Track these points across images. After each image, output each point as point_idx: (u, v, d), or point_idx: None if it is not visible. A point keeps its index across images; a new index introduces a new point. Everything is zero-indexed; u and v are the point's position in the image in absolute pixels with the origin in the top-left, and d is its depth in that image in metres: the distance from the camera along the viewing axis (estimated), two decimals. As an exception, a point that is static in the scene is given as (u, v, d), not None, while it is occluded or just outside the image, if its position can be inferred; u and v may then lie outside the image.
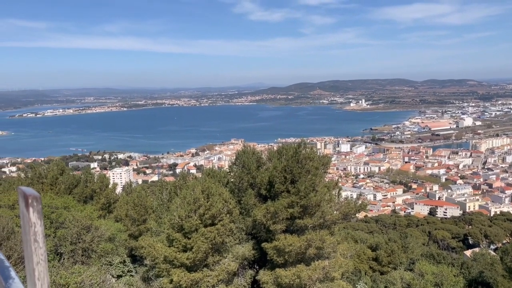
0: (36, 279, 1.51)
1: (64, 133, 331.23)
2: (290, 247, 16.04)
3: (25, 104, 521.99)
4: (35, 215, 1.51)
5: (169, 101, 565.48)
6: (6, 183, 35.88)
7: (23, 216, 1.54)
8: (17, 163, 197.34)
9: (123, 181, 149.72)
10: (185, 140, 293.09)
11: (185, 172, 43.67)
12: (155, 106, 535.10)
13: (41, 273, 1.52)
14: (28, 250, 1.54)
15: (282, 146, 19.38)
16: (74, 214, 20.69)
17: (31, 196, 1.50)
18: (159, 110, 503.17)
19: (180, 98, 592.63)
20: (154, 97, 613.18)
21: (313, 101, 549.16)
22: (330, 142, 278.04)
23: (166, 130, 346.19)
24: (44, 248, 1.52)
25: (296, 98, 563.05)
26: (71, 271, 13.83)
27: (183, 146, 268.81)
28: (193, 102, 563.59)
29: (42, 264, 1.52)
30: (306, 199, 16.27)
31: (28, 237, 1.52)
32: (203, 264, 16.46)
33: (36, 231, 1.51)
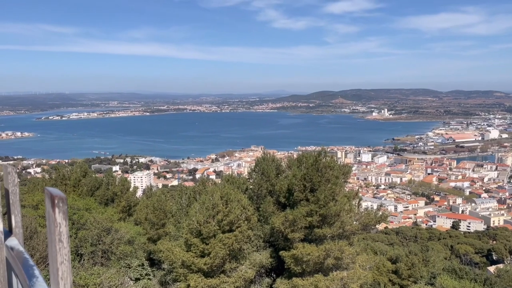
0: (60, 278, 1.54)
1: (88, 136, 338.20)
2: (308, 256, 15.89)
3: (51, 107, 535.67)
4: (60, 215, 1.54)
5: (190, 107, 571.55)
6: (31, 183, 36.77)
7: (49, 216, 1.58)
8: (42, 164, 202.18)
9: (144, 184, 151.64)
10: (205, 145, 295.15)
11: (204, 178, 43.89)
12: (177, 111, 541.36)
13: (64, 272, 1.55)
14: (52, 249, 1.57)
15: (302, 154, 19.30)
16: (95, 216, 21.03)
17: (58, 197, 1.54)
18: (180, 115, 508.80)
19: (201, 104, 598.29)
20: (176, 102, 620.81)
21: (335, 110, 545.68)
22: (351, 151, 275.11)
23: (187, 136, 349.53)
24: (68, 248, 1.55)
25: (317, 106, 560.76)
26: (90, 272, 14.05)
27: (203, 152, 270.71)
28: (214, 108, 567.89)
29: (65, 264, 1.55)
30: (325, 208, 16.12)
31: (53, 237, 1.55)
32: (220, 270, 16.46)
33: (61, 232, 1.54)
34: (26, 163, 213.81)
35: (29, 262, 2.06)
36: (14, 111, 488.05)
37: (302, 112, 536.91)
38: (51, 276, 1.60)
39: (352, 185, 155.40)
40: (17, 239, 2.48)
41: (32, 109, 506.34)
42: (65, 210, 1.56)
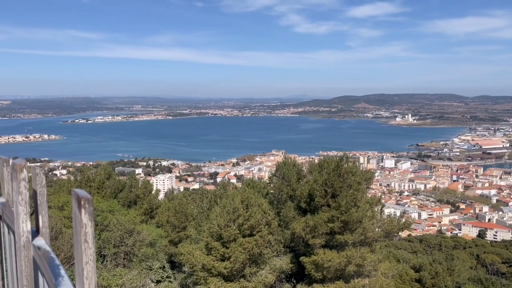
0: (85, 278, 1.57)
1: (112, 139, 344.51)
2: (329, 262, 15.72)
3: (77, 110, 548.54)
4: (86, 216, 1.57)
5: (212, 111, 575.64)
6: (57, 185, 37.67)
7: (75, 217, 1.61)
8: (67, 166, 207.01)
9: (166, 187, 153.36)
10: (226, 149, 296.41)
11: (225, 182, 44.10)
12: (199, 115, 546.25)
13: (89, 272, 1.58)
14: (78, 249, 1.61)
15: (324, 159, 19.15)
16: (118, 218, 21.37)
17: (84, 198, 1.57)
18: (202, 119, 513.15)
19: (223, 108, 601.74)
20: (198, 106, 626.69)
21: (357, 115, 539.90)
22: (374, 157, 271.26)
23: (208, 139, 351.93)
24: (93, 249, 1.58)
25: (339, 111, 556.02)
26: (113, 273, 14.26)
27: (224, 156, 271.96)
28: (236, 112, 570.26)
29: (90, 264, 1.58)
30: (347, 214, 15.94)
31: (79, 237, 1.58)
32: (240, 275, 16.45)
33: (86, 232, 1.57)
34: (52, 165, 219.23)
35: (55, 262, 2.10)
36: (42, 114, 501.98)
37: (323, 117, 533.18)
38: (76, 276, 1.63)
39: (375, 191, 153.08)
40: (44, 239, 2.53)
41: (59, 112, 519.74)
42: (91, 211, 1.59)
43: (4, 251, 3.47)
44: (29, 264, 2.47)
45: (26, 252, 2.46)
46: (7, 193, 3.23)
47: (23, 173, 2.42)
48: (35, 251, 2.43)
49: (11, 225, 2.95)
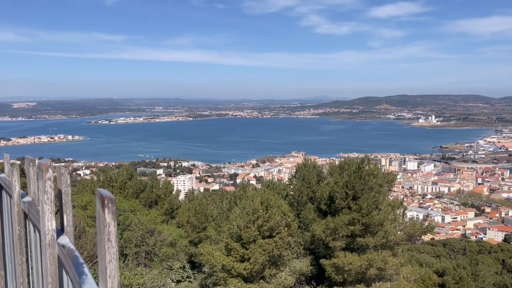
0: (108, 276, 1.58)
1: (134, 140, 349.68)
2: (350, 265, 15.55)
3: (100, 112, 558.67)
4: (109, 215, 1.59)
5: (232, 112, 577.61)
6: (80, 185, 38.43)
7: (99, 216, 1.63)
8: (91, 167, 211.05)
9: (186, 188, 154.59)
10: (246, 151, 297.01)
11: (245, 183, 44.18)
12: (219, 117, 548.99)
13: (112, 271, 1.59)
14: (101, 248, 1.62)
15: (344, 161, 18.98)
16: (140, 218, 21.65)
17: (107, 197, 1.58)
18: (222, 120, 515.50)
19: (243, 110, 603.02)
20: (218, 108, 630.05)
21: (379, 116, 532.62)
22: (396, 159, 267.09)
23: (228, 141, 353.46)
24: (116, 248, 1.59)
25: (360, 112, 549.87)
26: (134, 272, 14.45)
27: (244, 157, 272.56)
28: (256, 113, 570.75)
29: (113, 262, 1.59)
30: (368, 217, 15.74)
31: (102, 236, 1.60)
32: (259, 276, 16.44)
33: (110, 231, 1.59)
34: (76, 165, 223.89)
35: (79, 260, 2.14)
36: (67, 115, 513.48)
37: (344, 118, 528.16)
38: (100, 274, 1.65)
39: (397, 194, 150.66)
40: (68, 237, 2.58)
41: (82, 113, 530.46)
42: (114, 211, 1.61)
43: (30, 249, 3.55)
44: (54, 262, 2.51)
45: (51, 250, 2.51)
46: (33, 192, 3.31)
47: (49, 173, 2.47)
48: (59, 249, 2.48)
49: (36, 223, 3.02)
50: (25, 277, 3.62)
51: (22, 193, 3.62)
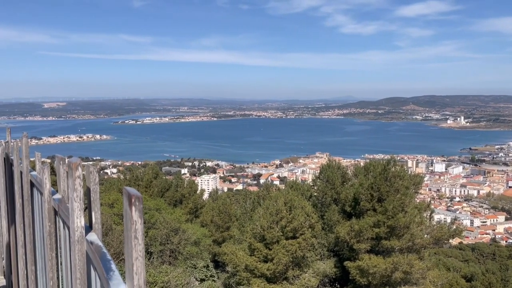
0: (134, 273, 1.61)
1: (160, 139, 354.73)
2: (375, 268, 15.32)
3: (127, 112, 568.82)
4: (136, 213, 1.61)
5: (256, 113, 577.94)
6: (108, 183, 39.26)
7: (126, 214, 1.66)
8: (117, 166, 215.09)
9: (210, 188, 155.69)
10: (269, 151, 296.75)
11: (268, 183, 44.12)
12: (243, 117, 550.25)
13: (138, 268, 1.62)
14: (128, 245, 1.65)
15: (370, 162, 18.72)
16: (165, 216, 21.94)
17: (134, 196, 1.61)
18: (246, 121, 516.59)
19: (267, 110, 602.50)
20: (242, 108, 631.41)
21: (405, 117, 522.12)
22: (423, 160, 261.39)
23: (252, 141, 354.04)
24: (142, 245, 1.61)
25: (386, 113, 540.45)
26: (159, 270, 14.64)
27: (267, 157, 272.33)
28: (280, 114, 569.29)
29: (140, 259, 1.61)
30: (394, 219, 15.47)
31: (129, 234, 1.62)
32: (283, 277, 16.40)
33: (136, 229, 1.61)
34: (103, 163, 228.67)
35: (106, 257, 2.18)
36: (95, 115, 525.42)
37: (370, 119, 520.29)
38: (127, 271, 1.68)
39: (424, 196, 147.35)
40: (96, 234, 2.64)
41: (110, 113, 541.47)
42: (141, 209, 1.63)
43: (59, 245, 3.66)
44: (83, 258, 2.58)
45: (80, 247, 2.57)
46: (63, 189, 3.40)
47: (78, 171, 2.53)
48: (88, 246, 2.53)
49: (66, 220, 3.10)
50: (54, 272, 3.73)
51: (53, 191, 3.72)
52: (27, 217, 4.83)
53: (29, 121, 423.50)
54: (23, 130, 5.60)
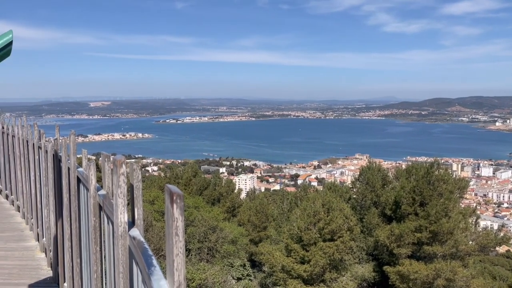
0: (175, 269, 1.63)
1: (199, 139, 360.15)
2: (416, 274, 14.85)
3: (168, 111, 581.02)
4: (177, 211, 1.64)
5: (294, 113, 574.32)
6: (149, 180, 40.32)
7: (168, 211, 1.69)
8: (158, 164, 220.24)
9: (247, 187, 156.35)
10: (307, 152, 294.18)
11: (306, 184, 43.77)
12: (281, 117, 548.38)
13: (179, 264, 1.64)
14: (169, 242, 1.68)
15: (412, 165, 18.16)
16: (203, 214, 22.26)
17: (176, 193, 1.63)
18: (284, 121, 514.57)
19: (305, 110, 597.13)
20: (280, 108, 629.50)
21: (450, 118, 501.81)
22: (469, 164, 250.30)
23: (290, 141, 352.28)
24: (183, 242, 1.64)
25: (430, 114, 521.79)
26: (197, 267, 14.87)
27: (305, 158, 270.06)
28: (318, 114, 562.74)
29: (180, 256, 1.64)
30: (436, 224, 14.93)
31: (171, 231, 1.65)
32: (320, 279, 16.23)
33: (177, 226, 1.63)
34: (145, 161, 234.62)
35: (148, 252, 2.24)
36: (137, 114, 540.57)
37: (413, 120, 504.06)
38: (167, 267, 1.71)
39: (469, 201, 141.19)
40: (138, 230, 2.71)
41: (152, 112, 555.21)
42: (182, 206, 1.66)
43: (103, 239, 3.79)
44: (125, 253, 2.65)
45: (123, 241, 2.65)
46: (108, 186, 3.52)
47: (123, 168, 2.61)
48: (130, 241, 2.61)
49: (110, 215, 3.20)
50: (98, 265, 3.86)
51: (98, 187, 3.86)
52: (74, 212, 5.04)
53: (76, 119, 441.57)
54: (70, 128, 5.85)
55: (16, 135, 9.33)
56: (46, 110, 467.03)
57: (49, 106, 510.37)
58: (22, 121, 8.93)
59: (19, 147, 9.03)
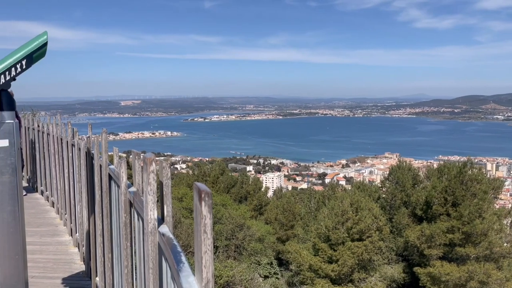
0: (203, 266, 1.65)
1: (226, 137, 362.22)
2: (447, 276, 14.46)
3: (196, 110, 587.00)
4: (206, 208, 1.65)
5: (322, 111, 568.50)
6: (177, 178, 40.88)
7: (196, 208, 1.70)
8: (186, 161, 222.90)
9: (275, 185, 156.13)
10: (335, 150, 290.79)
11: (334, 183, 43.25)
12: (309, 115, 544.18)
13: (207, 261, 1.65)
14: (198, 239, 1.69)
15: (444, 164, 17.68)
16: (230, 212, 22.41)
17: (204, 191, 1.64)
18: (312, 119, 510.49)
19: (333, 108, 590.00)
20: (308, 106, 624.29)
21: (485, 116, 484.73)
22: (504, 163, 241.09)
23: (317, 140, 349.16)
24: (211, 239, 1.65)
25: (463, 112, 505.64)
26: (224, 264, 15.00)
27: (333, 157, 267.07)
28: (347, 112, 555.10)
29: (209, 253, 1.65)
30: (470, 225, 14.48)
31: (199, 228, 1.66)
32: (348, 279, 16.05)
33: (206, 223, 1.65)
34: (173, 159, 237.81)
35: (177, 249, 2.26)
36: (166, 113, 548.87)
37: (445, 118, 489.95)
38: (196, 264, 1.73)
39: (504, 202, 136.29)
40: (167, 226, 2.75)
41: (181, 111, 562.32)
42: (210, 204, 1.66)
43: (134, 235, 3.86)
44: (155, 249, 2.70)
45: (153, 238, 2.70)
46: (138, 183, 3.58)
47: (152, 166, 2.65)
48: (160, 237, 2.65)
49: (140, 212, 3.27)
50: (129, 260, 3.95)
51: (128, 184, 3.94)
52: (105, 208, 5.17)
53: (107, 118, 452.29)
54: (102, 126, 5.99)
55: (51, 133, 9.64)
56: (79, 109, 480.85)
57: (82, 105, 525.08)
58: (57, 119, 9.21)
59: (53, 144, 9.33)
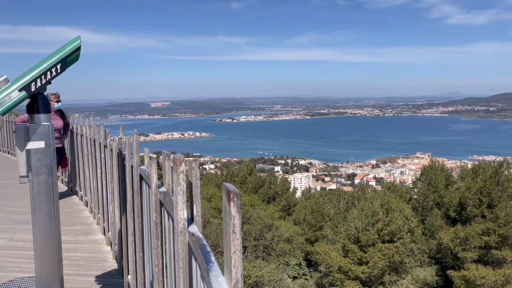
0: (232, 266, 1.65)
1: (254, 137, 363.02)
2: (483, 280, 13.99)
3: (224, 110, 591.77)
4: (234, 209, 1.65)
5: (351, 110, 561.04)
6: (206, 178, 41.30)
7: (225, 208, 1.71)
8: (215, 162, 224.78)
9: (303, 186, 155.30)
10: (365, 150, 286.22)
11: (363, 184, 42.64)
12: (337, 115, 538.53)
13: (236, 261, 1.65)
14: (227, 239, 1.70)
15: (479, 165, 17.11)
16: (259, 212, 22.45)
17: (233, 192, 1.65)
18: (340, 119, 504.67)
19: (363, 108, 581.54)
20: (336, 106, 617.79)
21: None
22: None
23: (346, 140, 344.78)
24: (240, 240, 1.65)
25: (499, 111, 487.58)
26: (253, 264, 15.03)
27: (362, 157, 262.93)
28: (377, 111, 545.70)
29: (237, 253, 1.65)
30: (506, 228, 13.95)
31: (228, 228, 1.67)
32: (378, 282, 15.77)
33: (234, 224, 1.65)
34: (202, 160, 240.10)
35: (206, 248, 2.28)
36: (195, 114, 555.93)
37: (479, 117, 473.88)
38: (225, 263, 1.73)
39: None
40: (197, 226, 2.77)
41: (209, 112, 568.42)
42: (239, 205, 1.66)
43: (164, 235, 3.92)
44: (185, 249, 2.73)
45: (183, 237, 2.73)
46: (168, 183, 3.63)
47: (182, 167, 2.68)
48: (189, 237, 2.67)
49: (170, 212, 3.31)
50: (160, 259, 4.01)
51: (159, 184, 4.00)
52: (137, 208, 5.27)
53: (138, 119, 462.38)
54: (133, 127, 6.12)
55: (84, 135, 9.93)
56: (111, 110, 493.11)
57: (113, 107, 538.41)
58: (90, 121, 9.48)
59: (87, 145, 9.61)
